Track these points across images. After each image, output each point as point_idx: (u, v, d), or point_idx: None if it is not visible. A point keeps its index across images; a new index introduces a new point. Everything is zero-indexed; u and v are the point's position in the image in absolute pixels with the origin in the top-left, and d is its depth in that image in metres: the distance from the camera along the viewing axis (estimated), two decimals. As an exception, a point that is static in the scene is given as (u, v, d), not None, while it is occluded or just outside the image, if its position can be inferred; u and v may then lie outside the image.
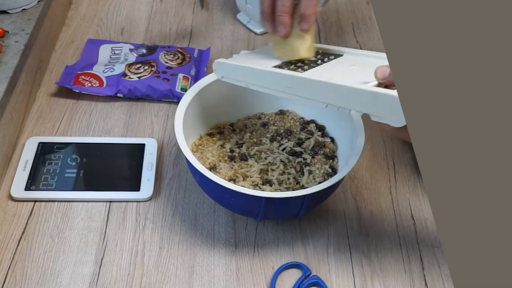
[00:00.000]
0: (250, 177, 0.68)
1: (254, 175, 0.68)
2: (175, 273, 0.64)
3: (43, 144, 0.75)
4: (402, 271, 0.65)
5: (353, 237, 0.68)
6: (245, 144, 0.72)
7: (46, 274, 0.62)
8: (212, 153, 0.70)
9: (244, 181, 0.67)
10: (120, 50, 0.91)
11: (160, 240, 0.67)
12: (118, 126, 0.80)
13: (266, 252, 0.66)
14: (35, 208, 0.69)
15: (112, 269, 0.63)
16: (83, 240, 0.66)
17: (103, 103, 0.84)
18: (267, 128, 0.75)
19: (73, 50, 0.93)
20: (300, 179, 0.67)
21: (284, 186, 0.67)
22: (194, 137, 0.73)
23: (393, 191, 0.74)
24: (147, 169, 0.73)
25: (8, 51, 0.77)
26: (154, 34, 0.98)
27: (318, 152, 0.71)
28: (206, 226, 0.68)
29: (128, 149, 0.76)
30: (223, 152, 0.71)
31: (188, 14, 1.04)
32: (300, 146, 0.72)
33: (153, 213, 0.69)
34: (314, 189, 0.60)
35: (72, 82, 0.84)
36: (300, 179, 0.67)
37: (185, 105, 0.69)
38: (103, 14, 1.02)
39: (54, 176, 0.71)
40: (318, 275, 0.64)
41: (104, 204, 0.70)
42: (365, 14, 1.05)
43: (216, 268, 0.64)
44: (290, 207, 0.63)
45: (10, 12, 0.85)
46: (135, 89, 0.83)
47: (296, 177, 0.68)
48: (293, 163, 0.69)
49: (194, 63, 0.89)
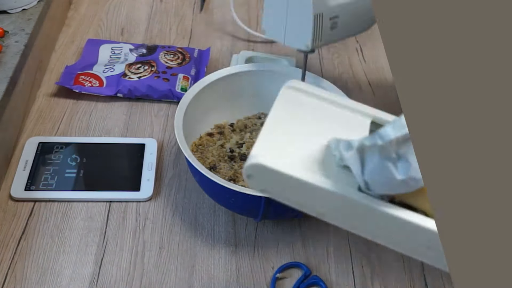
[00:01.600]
0: None
1: None
2: (175, 273, 0.64)
3: (43, 144, 0.75)
4: (402, 271, 0.65)
5: (353, 237, 0.68)
6: (245, 144, 0.72)
7: (46, 274, 0.62)
8: (212, 153, 0.71)
9: (244, 181, 0.67)
10: (120, 50, 0.91)
11: (160, 240, 0.67)
12: (118, 126, 0.80)
13: (266, 252, 0.66)
14: (35, 208, 0.69)
15: (112, 269, 0.63)
16: (83, 240, 0.66)
17: (103, 103, 0.84)
18: None
19: (73, 50, 0.93)
20: None
21: None
22: (194, 137, 0.73)
23: (393, 191, 0.74)
24: (147, 169, 0.73)
25: (8, 51, 0.77)
26: (154, 34, 0.98)
27: None
28: (206, 226, 0.68)
29: (128, 149, 0.76)
30: (223, 152, 0.71)
31: (188, 14, 1.04)
32: None
33: (153, 213, 0.69)
34: None
35: (72, 82, 0.84)
36: None
37: (185, 105, 0.69)
38: (103, 14, 1.02)
39: (54, 176, 0.71)
40: (318, 275, 0.64)
41: (104, 204, 0.70)
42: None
43: (216, 268, 0.64)
44: (290, 207, 0.63)
45: (10, 12, 0.85)
46: (135, 89, 0.83)
47: None
48: None
49: (194, 63, 0.89)
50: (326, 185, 0.38)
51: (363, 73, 0.94)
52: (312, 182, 0.39)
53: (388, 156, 0.36)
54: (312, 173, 0.40)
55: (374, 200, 0.38)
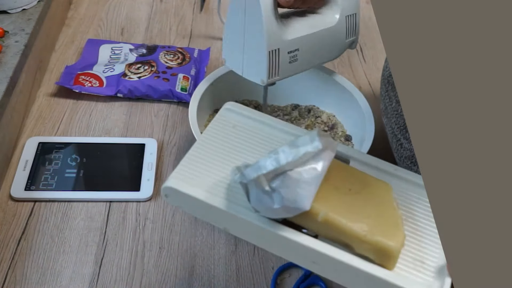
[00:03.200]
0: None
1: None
2: (175, 273, 0.64)
3: (43, 144, 0.75)
4: (402, 271, 0.65)
5: (353, 237, 0.68)
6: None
7: (46, 274, 0.62)
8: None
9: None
10: (120, 50, 0.91)
11: (160, 240, 0.67)
12: (118, 126, 0.80)
13: (266, 252, 0.66)
14: (35, 208, 0.69)
15: (112, 269, 0.63)
16: (83, 240, 0.66)
17: (103, 103, 0.84)
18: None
19: (73, 50, 0.93)
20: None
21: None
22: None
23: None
24: (147, 169, 0.73)
25: (8, 51, 0.77)
26: (154, 34, 0.98)
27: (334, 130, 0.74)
28: (206, 226, 0.68)
29: (128, 149, 0.76)
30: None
31: (188, 14, 1.04)
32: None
33: (153, 213, 0.69)
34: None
35: (72, 82, 0.84)
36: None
37: (199, 94, 0.71)
38: (103, 14, 1.02)
39: (54, 176, 0.71)
40: (318, 275, 0.64)
41: (104, 204, 0.70)
42: (365, 14, 1.05)
43: (216, 268, 0.64)
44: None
45: (10, 12, 0.85)
46: (135, 89, 0.83)
47: None
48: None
49: (194, 63, 0.89)
50: (222, 206, 0.45)
51: (363, 73, 0.94)
52: (210, 203, 0.45)
53: (262, 189, 0.42)
54: (213, 196, 0.46)
55: (261, 219, 0.44)
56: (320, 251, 0.42)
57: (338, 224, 0.42)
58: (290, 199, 0.41)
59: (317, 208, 0.42)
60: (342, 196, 0.45)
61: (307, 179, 0.41)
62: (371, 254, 0.42)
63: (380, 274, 0.41)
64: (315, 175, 0.42)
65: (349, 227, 0.42)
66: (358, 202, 0.45)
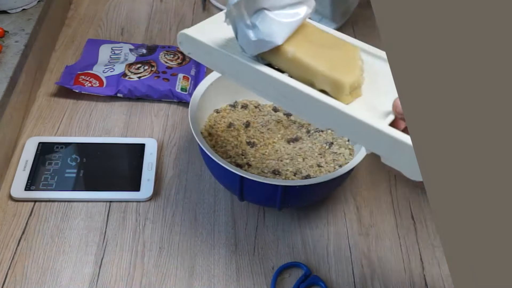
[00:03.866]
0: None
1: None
2: (175, 273, 0.64)
3: (43, 144, 0.75)
4: (402, 271, 0.65)
5: (353, 237, 0.68)
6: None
7: (46, 274, 0.62)
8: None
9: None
10: (120, 50, 0.91)
11: (160, 240, 0.67)
12: (118, 126, 0.80)
13: (266, 252, 0.66)
14: (35, 208, 0.69)
15: (112, 269, 0.63)
16: (83, 240, 0.66)
17: (103, 103, 0.84)
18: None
19: (73, 50, 0.93)
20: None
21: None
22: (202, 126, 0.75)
23: (393, 191, 0.74)
24: (147, 169, 0.73)
25: (8, 51, 0.77)
26: (154, 34, 0.98)
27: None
28: (206, 226, 0.68)
29: (128, 149, 0.76)
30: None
31: (188, 14, 1.04)
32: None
33: (153, 213, 0.69)
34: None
35: (72, 82, 0.84)
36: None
37: (199, 94, 0.72)
38: (103, 14, 1.02)
39: (54, 176, 0.71)
40: (318, 275, 0.64)
41: (104, 204, 0.70)
42: (365, 14, 1.05)
43: (216, 268, 0.64)
44: (305, 195, 0.66)
45: (10, 12, 0.85)
46: (135, 89, 0.83)
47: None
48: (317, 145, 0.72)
49: (194, 63, 0.89)
50: (221, 49, 0.54)
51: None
52: (211, 45, 0.55)
53: (245, 24, 0.51)
54: (217, 44, 0.55)
55: (248, 59, 0.53)
56: (290, 84, 0.51)
57: (303, 61, 0.50)
58: (265, 32, 0.50)
59: (288, 47, 0.51)
60: (313, 46, 0.52)
61: (282, 21, 0.50)
62: (327, 87, 0.50)
63: (334, 103, 0.49)
64: (290, 19, 0.51)
65: (312, 64, 0.50)
66: (326, 52, 0.52)
